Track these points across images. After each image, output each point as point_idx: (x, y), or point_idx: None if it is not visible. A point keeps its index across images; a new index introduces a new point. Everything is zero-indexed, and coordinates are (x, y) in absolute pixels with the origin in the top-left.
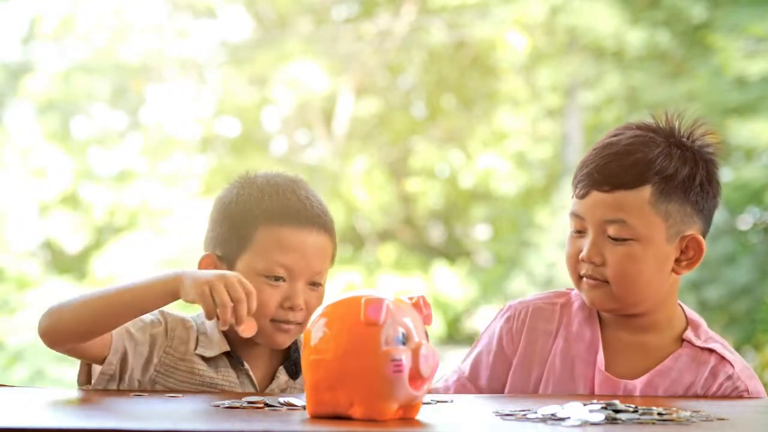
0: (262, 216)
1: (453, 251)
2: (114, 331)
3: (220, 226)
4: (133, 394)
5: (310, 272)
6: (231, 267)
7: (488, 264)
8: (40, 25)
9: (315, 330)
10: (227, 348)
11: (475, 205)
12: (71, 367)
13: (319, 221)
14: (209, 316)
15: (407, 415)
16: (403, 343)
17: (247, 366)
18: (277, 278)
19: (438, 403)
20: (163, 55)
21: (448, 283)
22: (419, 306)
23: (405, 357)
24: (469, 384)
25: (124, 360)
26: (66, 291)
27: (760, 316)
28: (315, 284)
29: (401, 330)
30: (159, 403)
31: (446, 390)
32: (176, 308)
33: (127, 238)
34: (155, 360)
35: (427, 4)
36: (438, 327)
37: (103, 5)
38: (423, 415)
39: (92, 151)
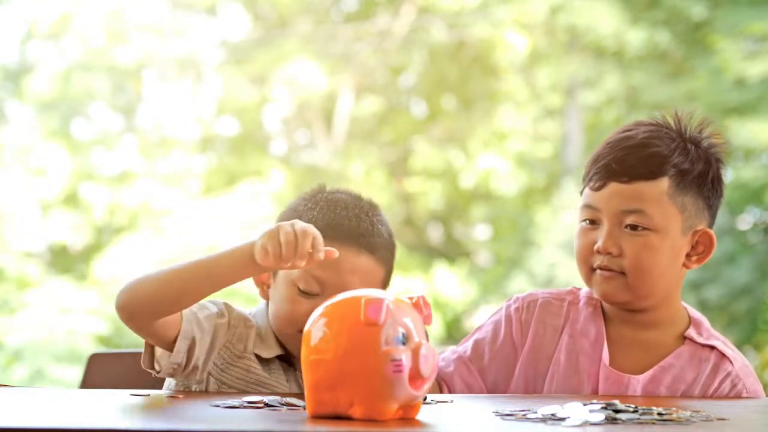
0: None
1: (453, 251)
2: (184, 316)
3: None
4: (131, 393)
5: (344, 290)
6: (275, 274)
7: (488, 264)
8: (39, 25)
9: (315, 330)
10: (281, 351)
11: (475, 205)
12: (71, 367)
13: (363, 241)
14: (276, 257)
15: (407, 415)
16: (403, 343)
17: (298, 372)
18: (311, 290)
19: (438, 403)
20: (163, 54)
21: (448, 284)
22: (419, 306)
23: (405, 357)
24: (471, 365)
25: (191, 348)
26: (66, 291)
27: (760, 316)
28: None
29: (401, 330)
30: (159, 403)
31: (446, 367)
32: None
33: (127, 238)
34: (215, 353)
35: (427, 4)
36: (438, 327)
37: (102, 4)
38: (423, 415)
39: (93, 151)
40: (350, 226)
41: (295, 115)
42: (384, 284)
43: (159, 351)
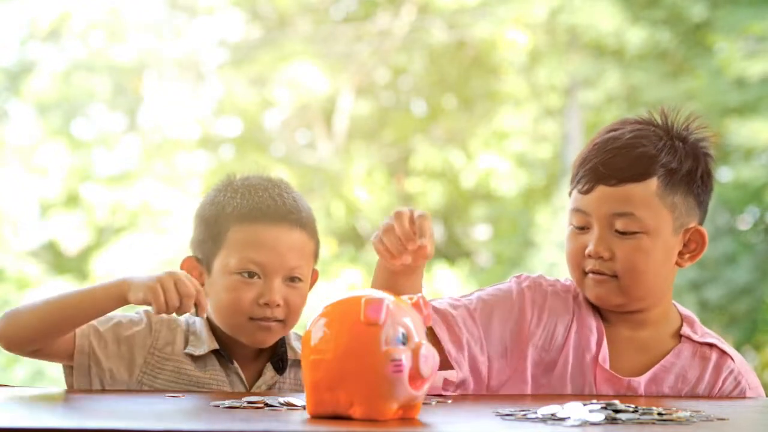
0: (234, 214)
1: (453, 251)
2: (78, 332)
3: (197, 229)
4: (129, 393)
5: (284, 268)
6: (209, 268)
7: (488, 264)
8: (39, 25)
9: (315, 330)
10: (216, 346)
11: (476, 205)
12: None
13: (292, 217)
14: (159, 311)
15: (407, 415)
16: (403, 343)
17: (236, 364)
18: (251, 275)
19: (438, 403)
20: (163, 54)
21: (448, 284)
22: (419, 306)
23: (405, 357)
24: (476, 316)
25: (92, 355)
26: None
27: (760, 316)
28: (293, 280)
29: (401, 330)
30: (159, 403)
31: (452, 308)
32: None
33: (127, 238)
34: (139, 360)
35: (427, 4)
36: None
37: (103, 5)
38: (423, 415)
39: (93, 151)
40: (276, 205)
41: (296, 116)
42: (316, 256)
43: (75, 374)
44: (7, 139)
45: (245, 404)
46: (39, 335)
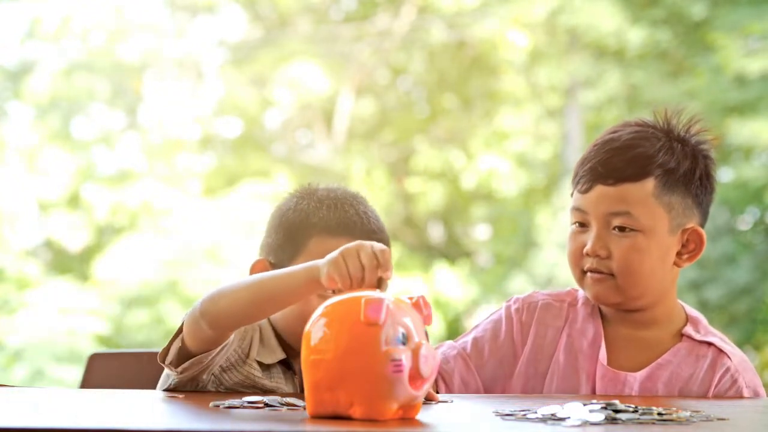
0: (319, 225)
1: (453, 251)
2: None
3: (275, 233)
4: (129, 392)
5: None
6: None
7: (488, 264)
8: (40, 25)
9: (315, 330)
10: (284, 356)
11: (476, 205)
12: (71, 367)
13: (375, 237)
14: (345, 285)
15: (407, 415)
16: (403, 343)
17: (298, 375)
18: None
19: (438, 403)
20: (163, 54)
21: (448, 284)
22: (419, 306)
23: (405, 357)
24: (470, 362)
25: (224, 348)
26: (66, 291)
27: (760, 316)
28: None
29: (401, 330)
30: (159, 402)
31: (446, 363)
32: None
33: (127, 239)
34: (226, 356)
35: (427, 4)
36: (438, 327)
37: (103, 4)
38: (423, 415)
39: (94, 151)
40: (362, 222)
41: (296, 116)
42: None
43: (186, 345)
44: (7, 140)
45: (245, 404)
46: (242, 317)
